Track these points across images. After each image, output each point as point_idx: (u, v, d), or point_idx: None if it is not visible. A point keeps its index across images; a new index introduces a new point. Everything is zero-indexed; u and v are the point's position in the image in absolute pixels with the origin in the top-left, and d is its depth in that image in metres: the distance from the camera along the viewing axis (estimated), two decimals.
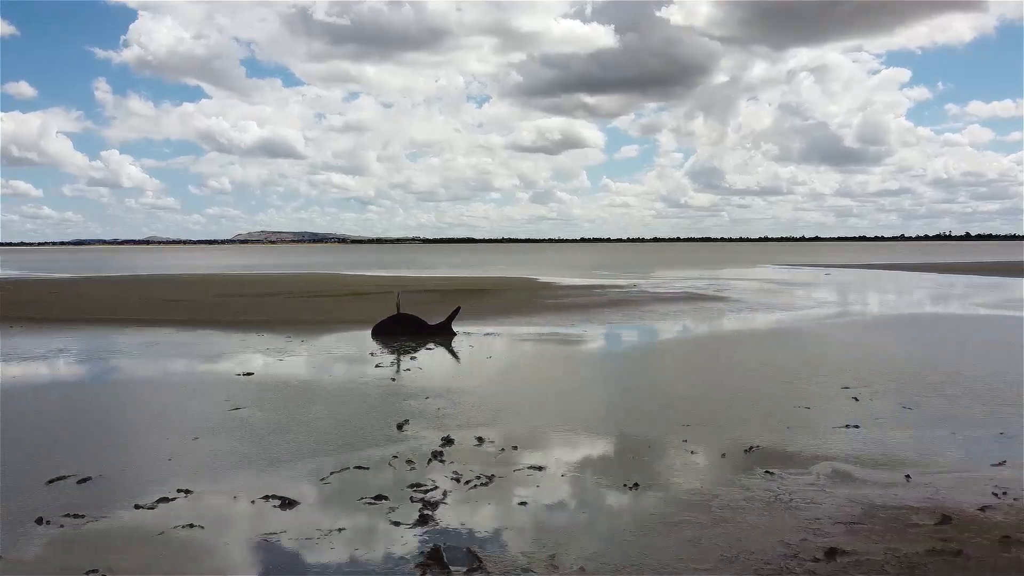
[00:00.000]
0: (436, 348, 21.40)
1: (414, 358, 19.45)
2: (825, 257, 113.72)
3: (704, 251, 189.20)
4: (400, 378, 16.53)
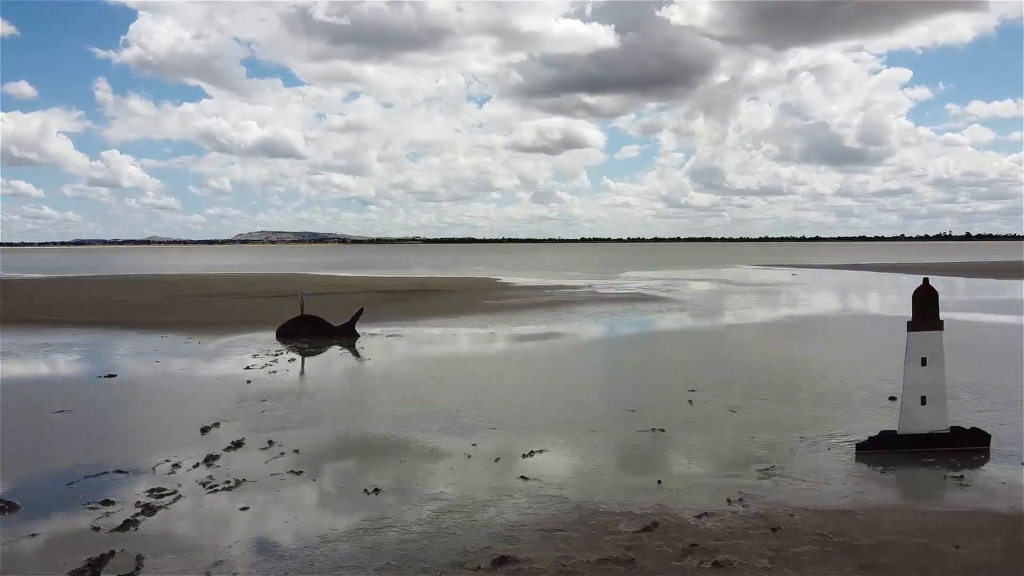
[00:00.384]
0: (327, 350, 21.37)
1: (292, 360, 19.43)
2: (809, 258, 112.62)
3: (704, 251, 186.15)
4: (257, 381, 16.46)
